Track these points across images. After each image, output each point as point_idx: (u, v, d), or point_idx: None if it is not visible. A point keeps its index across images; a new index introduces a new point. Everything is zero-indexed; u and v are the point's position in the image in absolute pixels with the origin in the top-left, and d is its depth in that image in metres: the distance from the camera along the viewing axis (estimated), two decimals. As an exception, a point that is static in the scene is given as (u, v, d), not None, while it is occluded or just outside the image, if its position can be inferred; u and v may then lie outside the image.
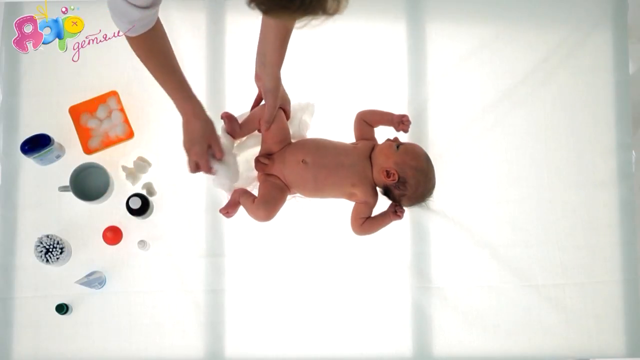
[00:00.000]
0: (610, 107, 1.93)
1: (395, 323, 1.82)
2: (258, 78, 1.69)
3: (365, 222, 1.73)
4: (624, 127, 1.91)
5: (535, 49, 1.93)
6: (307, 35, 1.89)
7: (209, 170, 1.66)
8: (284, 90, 1.73)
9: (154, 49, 1.52)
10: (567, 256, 1.86)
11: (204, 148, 1.63)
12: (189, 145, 1.64)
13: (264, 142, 1.77)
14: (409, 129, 1.78)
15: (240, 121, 1.76)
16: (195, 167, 1.65)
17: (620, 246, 1.87)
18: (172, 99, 1.60)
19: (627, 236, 1.87)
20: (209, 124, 1.64)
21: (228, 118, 1.74)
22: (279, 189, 1.72)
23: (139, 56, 1.52)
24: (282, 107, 1.74)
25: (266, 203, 1.69)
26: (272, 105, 1.69)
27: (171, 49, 1.55)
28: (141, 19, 1.39)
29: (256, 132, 1.79)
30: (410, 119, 1.81)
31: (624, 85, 1.93)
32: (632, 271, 1.86)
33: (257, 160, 1.76)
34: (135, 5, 1.33)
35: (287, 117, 1.76)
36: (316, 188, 1.73)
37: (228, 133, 1.74)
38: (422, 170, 1.71)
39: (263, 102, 1.74)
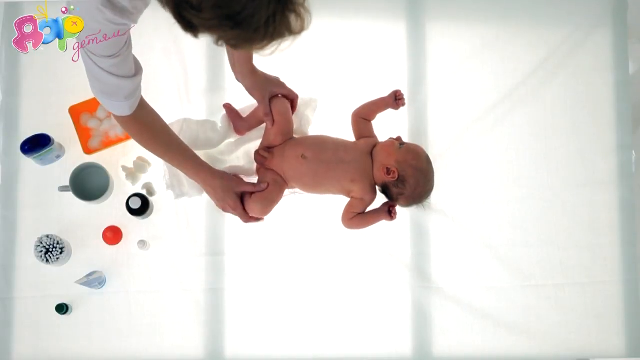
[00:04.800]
0: (611, 107, 1.93)
1: (395, 323, 1.82)
2: (238, 80, 1.73)
3: (355, 217, 1.73)
4: (624, 127, 1.91)
5: (536, 48, 1.93)
6: (307, 34, 1.90)
7: (249, 218, 1.71)
8: (266, 76, 1.74)
9: (154, 125, 1.53)
10: (567, 256, 1.86)
11: (235, 199, 1.69)
12: (221, 204, 1.70)
13: (266, 135, 1.77)
14: (406, 103, 1.79)
15: (247, 113, 1.79)
16: (247, 218, 1.71)
17: (620, 246, 1.87)
18: (184, 170, 1.65)
19: (627, 236, 1.87)
20: (226, 176, 1.69)
21: (229, 109, 1.78)
22: (277, 185, 1.72)
23: (141, 138, 1.53)
24: (281, 92, 1.75)
25: (264, 200, 1.70)
26: (261, 98, 1.73)
27: (165, 124, 1.56)
28: (133, 90, 1.38)
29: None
30: (411, 119, 1.80)
31: (624, 85, 1.93)
32: (632, 271, 1.86)
33: (257, 153, 1.76)
34: (124, 77, 1.33)
35: (291, 100, 1.78)
36: (315, 183, 1.73)
37: (235, 128, 1.80)
38: (422, 171, 1.71)
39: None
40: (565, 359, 1.84)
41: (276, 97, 1.75)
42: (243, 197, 1.71)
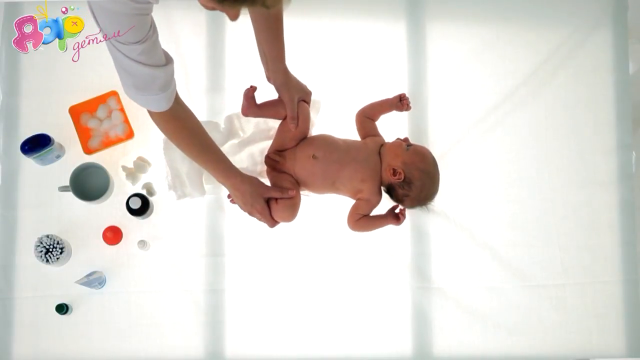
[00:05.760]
0: (611, 107, 1.93)
1: (395, 323, 1.82)
2: (269, 78, 1.72)
3: (361, 219, 1.73)
4: (624, 127, 1.91)
5: (536, 49, 1.93)
6: (308, 34, 1.91)
7: (275, 223, 1.71)
8: (298, 81, 1.74)
9: (191, 124, 1.53)
10: (567, 256, 1.86)
11: (263, 204, 1.68)
12: (248, 208, 1.69)
13: (281, 137, 1.77)
14: (411, 106, 1.79)
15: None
16: (273, 223, 1.71)
17: (620, 246, 1.87)
18: (214, 173, 1.64)
19: (628, 236, 1.87)
20: (254, 182, 1.68)
21: (250, 92, 1.75)
22: (297, 189, 1.73)
23: (179, 137, 1.53)
24: (304, 100, 1.75)
25: (292, 205, 1.70)
26: (289, 100, 1.72)
27: (200, 123, 1.56)
28: (167, 81, 1.37)
29: (263, 125, 1.81)
30: (411, 119, 1.80)
31: (624, 85, 1.93)
32: (632, 271, 1.86)
33: (268, 157, 1.76)
34: (155, 66, 1.31)
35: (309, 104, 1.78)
36: (325, 183, 1.73)
37: (244, 111, 1.77)
38: (429, 173, 1.71)
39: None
40: (565, 359, 1.84)
41: (302, 103, 1.75)
42: (268, 203, 1.70)
